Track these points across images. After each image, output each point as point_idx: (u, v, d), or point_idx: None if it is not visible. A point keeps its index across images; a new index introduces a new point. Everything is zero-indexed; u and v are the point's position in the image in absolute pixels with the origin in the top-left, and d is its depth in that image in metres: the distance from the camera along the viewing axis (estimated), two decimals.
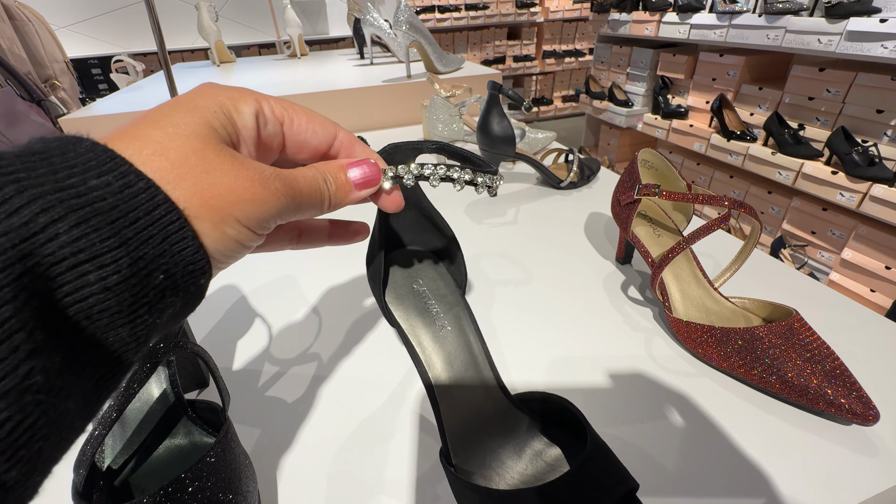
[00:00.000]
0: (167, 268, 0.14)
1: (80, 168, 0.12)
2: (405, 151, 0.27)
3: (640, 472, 0.29)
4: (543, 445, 0.29)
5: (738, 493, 0.27)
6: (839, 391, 0.30)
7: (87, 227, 0.12)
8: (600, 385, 0.35)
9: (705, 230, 0.36)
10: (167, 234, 0.14)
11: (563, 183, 0.67)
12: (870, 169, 1.24)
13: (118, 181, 0.13)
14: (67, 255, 0.12)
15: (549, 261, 0.52)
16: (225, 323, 0.45)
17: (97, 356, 0.13)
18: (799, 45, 1.31)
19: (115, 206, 0.13)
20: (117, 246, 0.12)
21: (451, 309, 0.31)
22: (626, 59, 2.10)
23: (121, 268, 0.12)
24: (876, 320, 0.41)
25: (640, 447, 0.30)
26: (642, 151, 0.44)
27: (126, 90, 1.17)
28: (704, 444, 0.30)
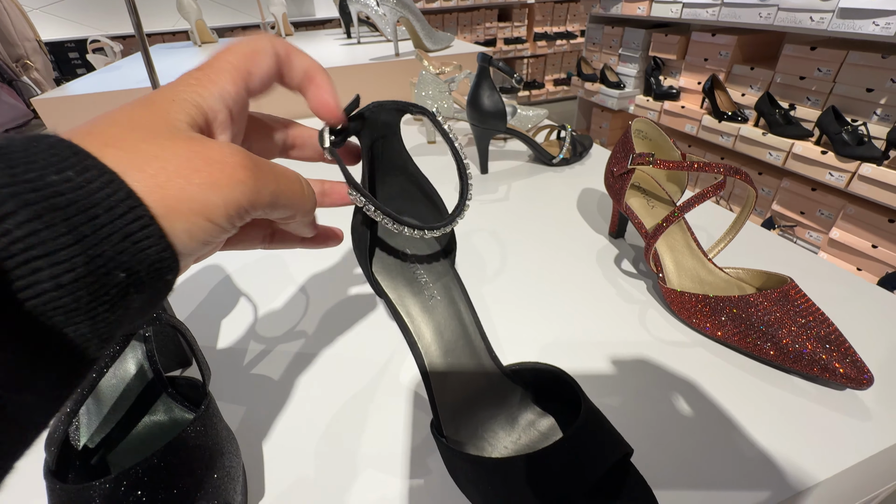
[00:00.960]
0: (129, 265, 0.13)
1: (41, 163, 0.12)
2: (390, 111, 0.26)
3: (635, 441, 0.29)
4: (536, 416, 0.28)
5: (733, 460, 0.27)
6: (833, 356, 0.30)
7: (39, 223, 0.11)
8: (594, 358, 0.35)
9: (700, 197, 0.35)
10: (129, 231, 0.13)
11: (555, 159, 0.66)
12: (858, 148, 1.25)
13: (79, 176, 0.12)
14: (19, 251, 0.11)
15: (541, 237, 0.51)
16: (208, 302, 0.43)
17: (56, 352, 0.12)
18: (791, 24, 1.30)
19: (74, 202, 0.12)
20: (72, 243, 0.12)
21: (440, 278, 0.30)
22: (617, 40, 2.07)
23: (75, 265, 0.12)
24: (869, 290, 0.40)
25: (634, 417, 0.30)
26: (636, 121, 0.43)
27: (103, 70, 1.13)
28: (699, 412, 0.30)
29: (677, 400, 0.31)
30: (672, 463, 0.27)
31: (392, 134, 0.27)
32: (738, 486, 0.26)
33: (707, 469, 0.27)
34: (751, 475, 0.26)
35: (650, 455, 0.28)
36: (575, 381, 0.26)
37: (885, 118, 1.26)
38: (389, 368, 0.35)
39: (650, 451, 0.28)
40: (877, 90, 1.25)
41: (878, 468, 0.30)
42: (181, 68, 0.98)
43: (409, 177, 0.29)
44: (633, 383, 0.32)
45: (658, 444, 0.28)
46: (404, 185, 0.30)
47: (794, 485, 0.26)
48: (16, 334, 0.11)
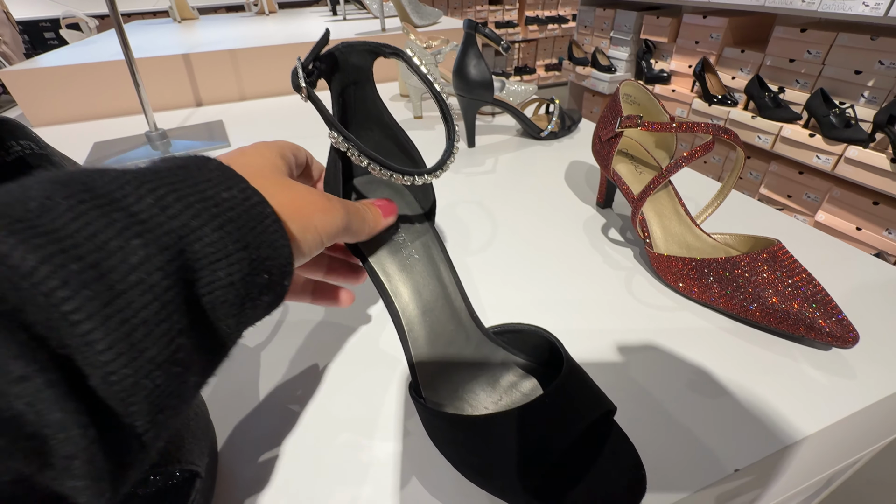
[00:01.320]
0: (269, 268, 0.16)
1: (214, 182, 0.15)
2: (361, 53, 0.24)
3: (621, 401, 0.28)
4: (518, 377, 0.27)
5: (719, 419, 0.27)
6: (820, 314, 0.29)
7: (223, 233, 0.14)
8: (579, 323, 0.34)
9: (688, 158, 0.34)
10: (273, 240, 0.16)
11: (543, 132, 0.64)
12: (846, 131, 1.25)
13: (240, 195, 0.15)
14: (207, 253, 0.14)
15: (527, 207, 0.50)
16: None
17: (210, 342, 0.14)
18: (782, 5, 1.30)
19: (240, 216, 0.15)
20: (242, 248, 0.15)
21: (419, 237, 0.29)
22: (609, 23, 2.05)
23: (242, 267, 0.15)
24: (857, 255, 0.40)
25: (620, 378, 0.29)
26: (624, 84, 0.42)
27: (76, 44, 1.08)
28: (685, 373, 0.30)
29: (663, 362, 0.30)
30: (658, 422, 0.27)
31: (365, 80, 0.26)
32: (724, 444, 0.25)
33: (693, 427, 0.26)
34: (737, 432, 0.26)
35: (636, 415, 0.27)
36: (558, 340, 0.25)
37: (872, 101, 1.26)
38: (368, 335, 0.34)
39: (636, 411, 0.27)
40: (865, 72, 1.25)
41: (862, 426, 0.30)
42: (158, 43, 0.95)
43: (384, 129, 0.28)
44: (619, 347, 0.32)
45: (644, 404, 0.28)
46: (379, 137, 0.28)
47: (779, 440, 0.25)
48: (193, 325, 0.13)
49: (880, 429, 0.36)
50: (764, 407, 0.27)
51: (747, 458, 0.25)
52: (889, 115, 1.15)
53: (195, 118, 0.84)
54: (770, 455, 0.25)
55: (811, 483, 0.39)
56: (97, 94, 0.85)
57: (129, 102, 0.86)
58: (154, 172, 0.14)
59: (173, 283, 0.12)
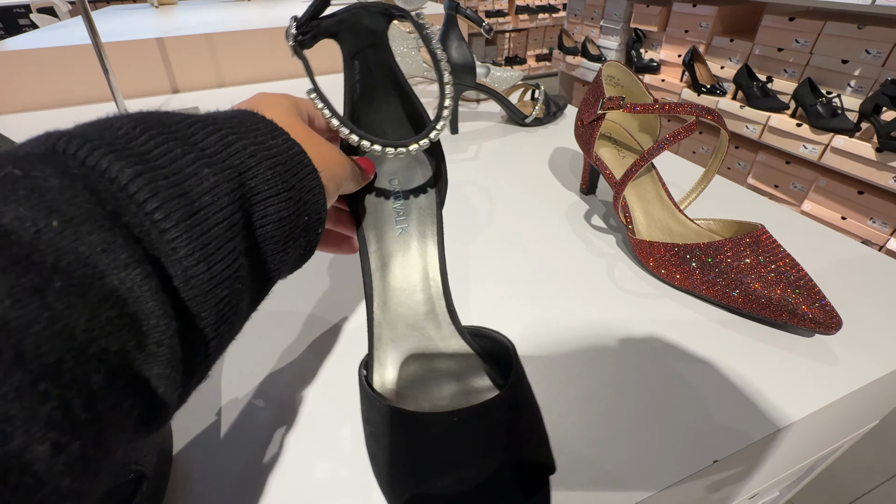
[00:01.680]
0: (309, 211, 0.18)
1: (262, 131, 0.17)
2: (374, 16, 0.23)
3: (599, 390, 0.27)
4: (481, 384, 0.25)
5: (700, 408, 0.26)
6: (802, 300, 0.28)
7: (273, 173, 0.16)
8: (558, 309, 0.33)
9: (671, 139, 0.33)
10: (311, 185, 0.18)
11: (527, 119, 0.63)
12: (832, 120, 1.25)
13: (284, 144, 0.17)
14: (262, 189, 0.16)
15: (509, 193, 0.48)
16: None
17: (260, 271, 0.16)
18: None
19: (286, 161, 0.17)
20: (288, 189, 0.16)
21: (419, 213, 0.27)
22: (599, 12, 2.03)
23: (290, 206, 0.17)
24: (841, 241, 0.40)
25: (599, 365, 0.28)
26: (607, 65, 0.41)
27: (46, 28, 1.04)
28: (666, 362, 0.29)
29: (644, 349, 0.29)
30: (637, 411, 0.26)
31: (380, 44, 0.24)
32: (708, 432, 0.24)
33: (673, 416, 0.25)
34: (720, 420, 0.25)
35: (614, 404, 0.26)
36: (517, 360, 0.22)
37: (858, 90, 1.26)
38: (338, 326, 0.32)
39: (614, 400, 0.26)
40: (852, 61, 1.25)
41: (845, 413, 0.29)
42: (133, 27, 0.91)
43: (402, 95, 0.26)
44: (599, 335, 0.31)
45: (623, 392, 0.27)
46: (395, 105, 0.26)
47: (761, 430, 0.25)
48: (250, 251, 0.15)
49: (862, 415, 0.35)
50: (746, 395, 0.26)
51: (728, 447, 0.24)
52: (874, 105, 1.15)
53: (171, 105, 0.81)
54: (752, 444, 0.24)
55: (794, 470, 0.38)
56: (66, 80, 0.81)
57: (99, 89, 0.83)
58: (214, 119, 0.16)
59: (237, 209, 0.14)
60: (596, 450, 0.24)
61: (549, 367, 0.28)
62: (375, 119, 0.27)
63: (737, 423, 0.25)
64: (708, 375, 0.28)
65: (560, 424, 0.25)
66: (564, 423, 0.25)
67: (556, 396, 0.27)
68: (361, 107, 0.26)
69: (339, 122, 0.21)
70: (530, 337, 0.31)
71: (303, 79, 0.97)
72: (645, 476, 0.23)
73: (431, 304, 0.26)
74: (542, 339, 0.30)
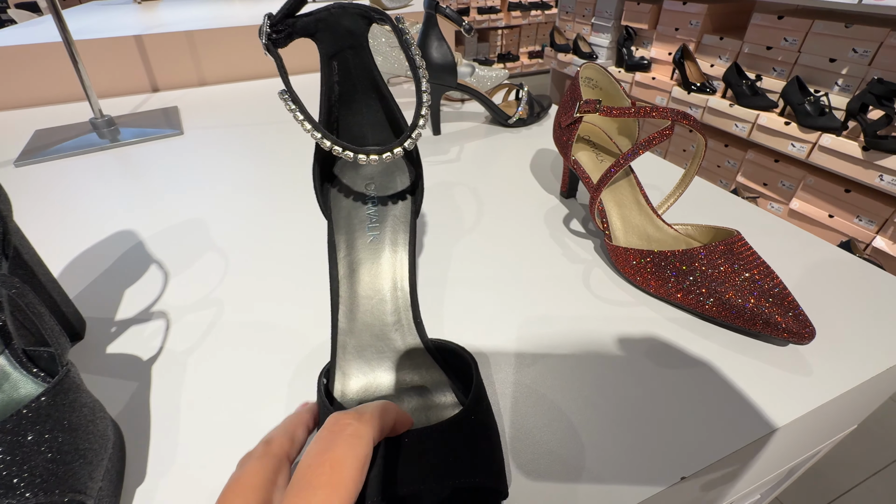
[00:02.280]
0: None
1: None
2: (353, 17, 0.22)
3: (572, 401, 0.26)
4: (443, 399, 0.24)
5: (673, 420, 0.25)
6: (776, 310, 0.28)
7: None
8: (532, 315, 0.32)
9: (647, 143, 0.32)
10: None
11: (510, 119, 0.62)
12: (820, 119, 1.26)
13: None
14: None
15: (488, 195, 0.47)
16: (113, 270, 0.39)
17: None
18: None
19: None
20: None
21: (392, 221, 0.27)
22: (590, 9, 2.02)
23: None
24: (818, 245, 0.39)
25: (573, 377, 0.28)
26: (584, 67, 0.40)
27: (24, 24, 1.01)
28: (640, 371, 0.28)
29: (619, 358, 0.29)
30: (610, 422, 0.25)
31: (360, 46, 0.23)
32: (678, 445, 0.24)
33: (644, 428, 0.25)
34: (691, 433, 0.24)
35: (587, 415, 0.25)
36: (479, 379, 0.22)
37: (845, 88, 1.27)
38: (306, 338, 0.32)
39: (587, 411, 0.26)
40: (839, 60, 1.25)
41: (821, 420, 0.29)
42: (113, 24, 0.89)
43: (382, 99, 0.25)
44: (574, 343, 0.30)
45: (595, 403, 0.26)
46: (375, 108, 0.26)
47: (734, 442, 0.24)
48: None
49: (840, 421, 0.35)
50: (719, 407, 0.26)
51: (699, 461, 0.23)
52: (861, 104, 1.15)
53: (150, 104, 0.79)
54: (722, 459, 0.24)
55: (773, 476, 0.38)
56: (39, 77, 0.79)
57: (74, 87, 0.81)
58: None
59: None
60: (565, 460, 0.23)
61: (522, 374, 0.28)
62: (355, 122, 0.26)
63: (708, 436, 0.24)
64: (681, 386, 0.27)
65: (531, 432, 0.24)
66: (537, 430, 0.24)
67: (528, 403, 0.26)
68: (340, 108, 0.25)
69: (312, 126, 0.20)
70: (502, 343, 0.30)
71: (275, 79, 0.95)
72: (610, 494, 0.22)
73: (398, 314, 0.26)
74: (515, 345, 0.30)
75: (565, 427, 0.25)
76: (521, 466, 0.23)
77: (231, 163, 0.57)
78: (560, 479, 0.23)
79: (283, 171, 0.54)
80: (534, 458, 0.23)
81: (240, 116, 0.73)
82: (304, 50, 0.38)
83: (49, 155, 0.60)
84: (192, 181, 0.53)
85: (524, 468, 0.23)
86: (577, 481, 0.22)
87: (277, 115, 0.73)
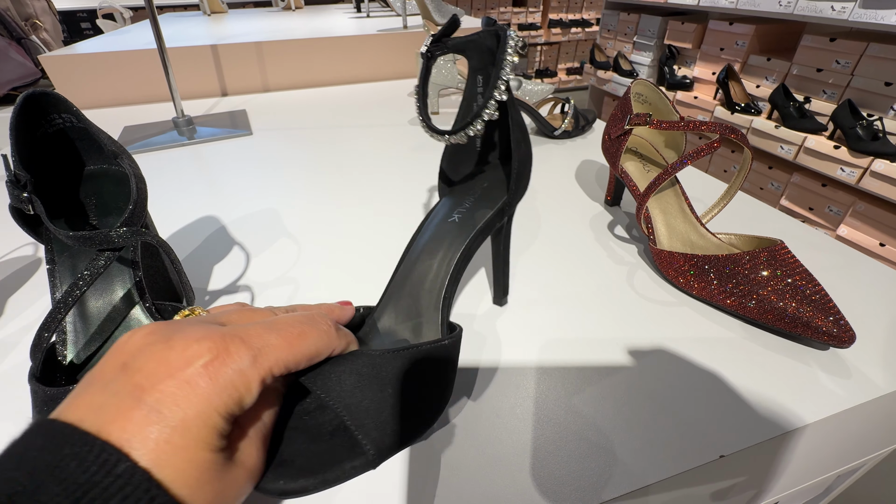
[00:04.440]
0: None
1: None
2: (492, 37, 0.26)
3: (618, 391, 0.29)
4: None
5: (711, 408, 0.27)
6: (817, 314, 0.29)
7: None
8: (577, 312, 0.35)
9: (693, 155, 0.34)
10: None
11: (556, 131, 0.65)
12: (873, 143, 1.22)
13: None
14: None
15: (535, 201, 0.50)
16: (202, 249, 0.44)
17: None
18: (811, 13, 1.27)
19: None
20: None
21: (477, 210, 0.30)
22: (633, 27, 2.03)
23: None
24: (862, 260, 0.40)
25: (616, 367, 0.30)
26: (636, 83, 0.43)
27: (112, 33, 1.13)
28: (680, 365, 0.30)
29: (661, 353, 0.31)
30: (649, 408, 0.27)
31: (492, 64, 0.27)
32: (716, 430, 0.26)
33: (683, 414, 0.27)
34: (730, 420, 0.26)
35: (626, 399, 0.28)
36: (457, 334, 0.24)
37: None
38: None
39: (631, 396, 0.28)
40: (895, 84, 1.22)
41: (859, 426, 0.30)
42: (188, 34, 0.99)
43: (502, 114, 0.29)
44: (617, 337, 0.32)
45: (639, 390, 0.28)
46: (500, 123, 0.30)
47: (770, 430, 0.26)
48: None
49: (879, 434, 0.36)
50: (757, 399, 0.28)
51: (736, 444, 0.25)
52: None
53: (220, 107, 0.87)
54: (758, 444, 0.25)
55: (809, 485, 0.38)
56: (129, 80, 0.89)
57: (158, 90, 0.90)
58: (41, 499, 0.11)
59: None
60: (611, 438, 0.26)
61: (571, 366, 0.30)
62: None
63: (746, 424, 0.26)
64: (720, 380, 0.29)
65: (579, 415, 0.27)
66: (583, 414, 0.27)
67: (575, 391, 0.28)
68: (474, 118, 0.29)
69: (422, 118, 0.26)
70: (552, 338, 0.33)
71: (338, 86, 1.01)
72: (654, 464, 0.24)
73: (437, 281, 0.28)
74: (563, 342, 0.32)
75: (612, 407, 0.27)
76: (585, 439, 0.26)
77: (296, 161, 0.63)
78: (608, 450, 0.25)
79: (343, 169, 0.59)
80: (580, 431, 0.26)
81: (300, 120, 0.80)
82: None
83: (136, 149, 0.68)
84: (263, 176, 0.58)
85: (582, 446, 0.26)
86: (620, 453, 0.25)
87: (335, 119, 0.79)
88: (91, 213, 0.30)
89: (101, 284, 0.28)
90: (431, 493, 0.23)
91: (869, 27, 1.18)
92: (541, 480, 0.24)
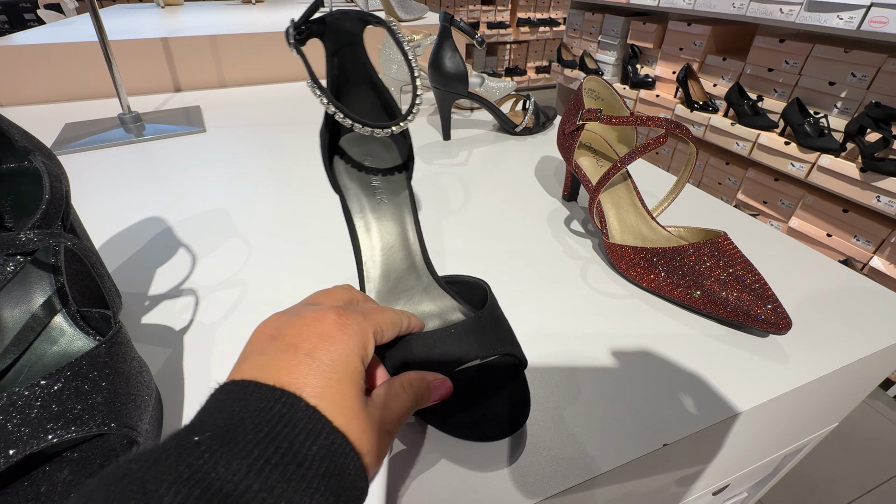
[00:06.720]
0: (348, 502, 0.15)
1: (303, 436, 0.15)
2: (353, 20, 0.26)
3: (566, 380, 0.29)
4: (457, 317, 0.29)
5: (656, 396, 0.28)
6: (756, 302, 0.30)
7: (318, 496, 0.14)
8: (532, 306, 0.35)
9: (642, 149, 0.35)
10: (355, 484, 0.16)
11: (517, 128, 0.65)
12: (819, 140, 1.29)
13: (329, 446, 0.15)
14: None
15: (494, 197, 0.50)
16: (145, 251, 0.42)
17: None
18: (762, 15, 1.33)
19: (329, 469, 0.15)
20: (332, 498, 0.14)
21: (393, 184, 0.31)
22: (597, 27, 2.08)
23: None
24: (802, 250, 0.42)
25: (566, 355, 0.30)
26: (587, 79, 0.43)
27: (52, 24, 1.06)
28: (628, 355, 0.30)
29: (610, 344, 0.31)
30: (595, 396, 0.27)
31: (357, 43, 0.28)
32: (661, 418, 0.26)
33: (629, 402, 0.27)
34: (674, 408, 0.27)
35: (575, 388, 0.28)
36: (489, 289, 0.28)
37: (844, 111, 1.30)
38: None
39: (580, 384, 0.28)
40: (838, 83, 1.29)
41: (799, 409, 0.31)
42: (138, 26, 0.94)
43: (374, 88, 0.29)
44: (568, 331, 0.33)
45: (586, 379, 0.29)
46: (370, 96, 0.30)
47: (713, 416, 0.26)
48: None
49: (818, 416, 0.37)
50: (700, 387, 0.28)
51: (680, 432, 0.26)
52: (859, 126, 1.19)
53: (173, 103, 0.83)
54: (702, 430, 0.26)
55: (756, 467, 0.40)
56: (70, 74, 0.83)
57: (102, 85, 0.85)
58: (243, 433, 0.14)
59: None
60: (556, 431, 0.26)
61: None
62: (353, 108, 0.30)
63: (689, 410, 0.27)
64: (667, 370, 0.30)
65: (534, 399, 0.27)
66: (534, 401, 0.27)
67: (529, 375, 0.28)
68: (340, 97, 0.29)
69: (336, 108, 0.24)
70: None
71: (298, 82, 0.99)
72: (599, 456, 0.24)
73: (412, 259, 0.30)
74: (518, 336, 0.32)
75: (561, 395, 0.27)
76: (531, 435, 0.26)
77: (251, 159, 0.60)
78: (552, 442, 0.25)
79: (298, 167, 0.57)
80: (537, 424, 0.26)
81: (258, 117, 0.77)
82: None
83: (79, 147, 0.64)
84: (216, 175, 0.56)
85: (532, 439, 0.25)
86: (563, 447, 0.25)
87: (293, 116, 0.77)
88: (7, 216, 0.28)
89: (16, 292, 0.26)
90: None
91: (814, 29, 1.24)
92: (488, 478, 0.23)
